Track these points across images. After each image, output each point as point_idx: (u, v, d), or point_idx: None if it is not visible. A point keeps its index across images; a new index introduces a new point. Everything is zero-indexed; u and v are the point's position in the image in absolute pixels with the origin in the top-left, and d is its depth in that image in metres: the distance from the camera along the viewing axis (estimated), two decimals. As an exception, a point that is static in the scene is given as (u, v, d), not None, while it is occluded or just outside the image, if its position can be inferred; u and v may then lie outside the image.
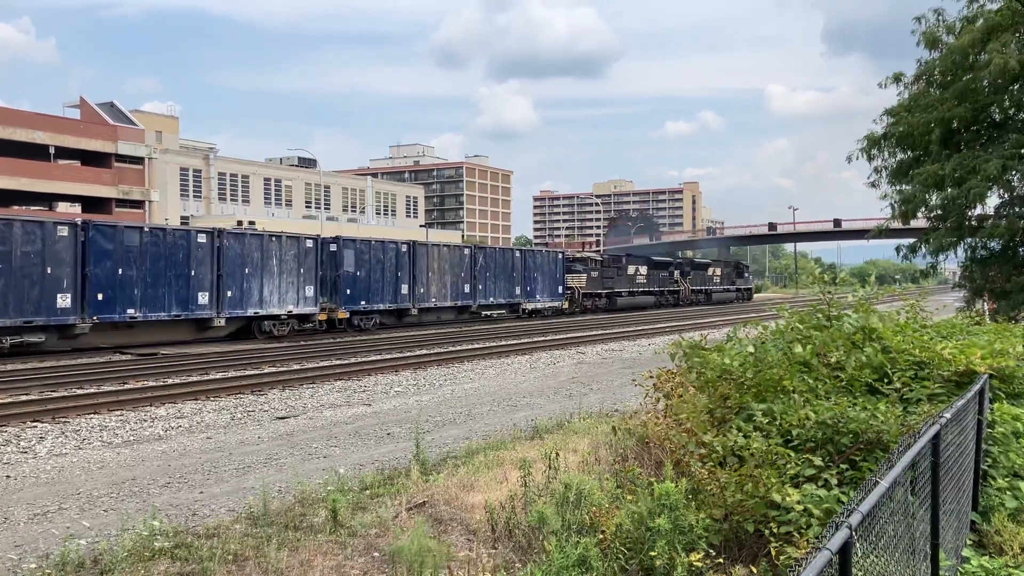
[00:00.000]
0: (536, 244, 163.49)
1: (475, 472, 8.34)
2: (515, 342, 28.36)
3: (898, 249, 23.29)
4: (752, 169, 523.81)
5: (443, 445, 10.66)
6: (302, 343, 28.27)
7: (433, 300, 37.58)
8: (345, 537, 6.57)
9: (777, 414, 6.47)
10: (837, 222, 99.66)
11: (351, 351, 25.29)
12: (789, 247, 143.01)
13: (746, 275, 78.55)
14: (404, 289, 35.86)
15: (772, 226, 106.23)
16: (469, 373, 20.01)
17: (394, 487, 7.95)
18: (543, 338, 30.19)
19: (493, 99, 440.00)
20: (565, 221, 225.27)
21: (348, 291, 33.06)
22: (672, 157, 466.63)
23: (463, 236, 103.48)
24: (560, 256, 47.94)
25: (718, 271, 70.83)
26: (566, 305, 47.40)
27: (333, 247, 33.09)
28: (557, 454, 7.82)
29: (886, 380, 7.33)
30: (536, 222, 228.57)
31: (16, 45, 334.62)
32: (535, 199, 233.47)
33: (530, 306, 44.32)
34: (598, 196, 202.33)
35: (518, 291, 43.53)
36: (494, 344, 27.79)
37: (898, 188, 21.48)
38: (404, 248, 36.09)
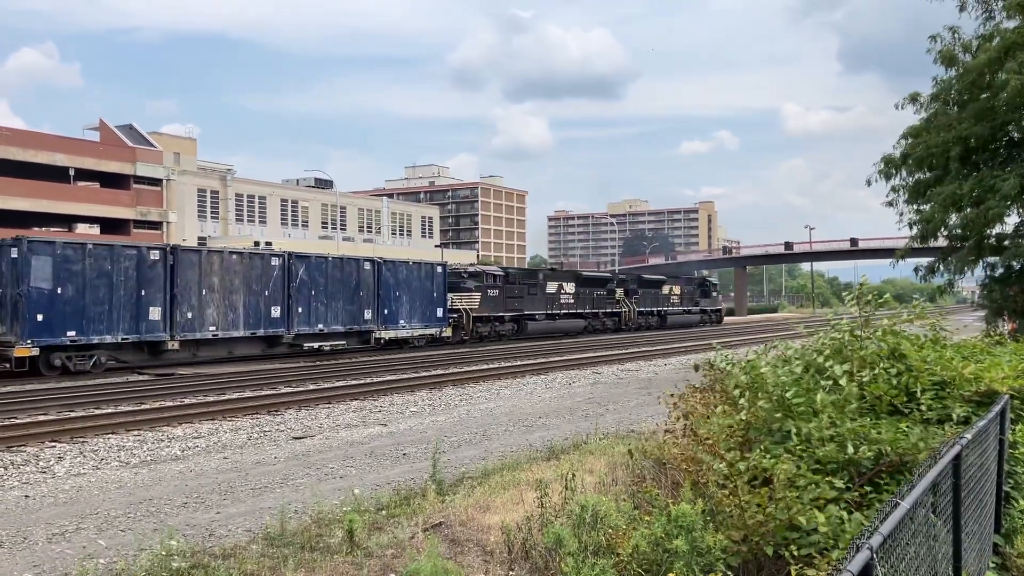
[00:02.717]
0: (552, 264, 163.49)
1: (491, 493, 8.31)
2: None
3: (916, 270, 23.14)
4: (768, 188, 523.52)
5: (459, 466, 10.64)
6: (318, 363, 28.33)
7: (212, 328, 27.34)
8: (361, 558, 6.56)
9: (814, 439, 6.42)
10: (854, 241, 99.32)
11: (367, 371, 25.33)
12: (805, 266, 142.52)
13: (713, 294, 68.10)
14: (155, 313, 25.67)
15: (788, 245, 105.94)
16: (484, 393, 19.99)
17: (410, 508, 7.94)
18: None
19: (509, 120, 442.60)
20: (580, 241, 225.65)
21: (40, 317, 23.23)
22: (687, 176, 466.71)
23: (478, 256, 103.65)
24: (440, 269, 37.80)
25: (676, 289, 60.63)
26: (448, 332, 37.95)
27: (13, 253, 23.42)
28: (573, 475, 7.78)
29: (907, 400, 7.27)
30: (551, 242, 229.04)
31: (41, 69, 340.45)
32: (550, 219, 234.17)
33: (388, 334, 34.40)
34: (613, 216, 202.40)
35: (368, 315, 33.26)
36: (507, 364, 27.76)
37: (916, 208, 21.38)
38: (155, 256, 26.00)
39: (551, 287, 46.06)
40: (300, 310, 30.48)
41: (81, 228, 57.80)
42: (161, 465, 11.54)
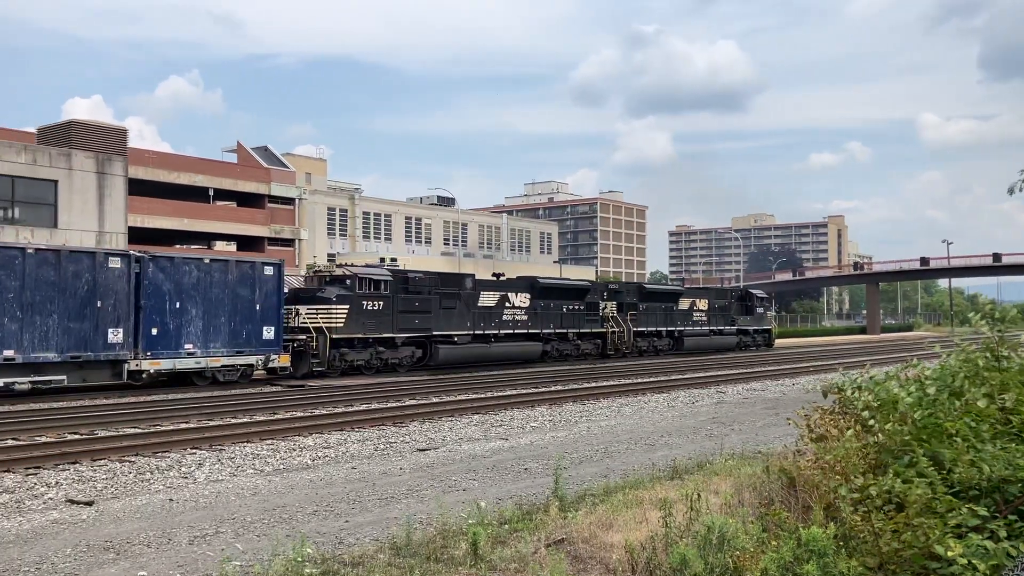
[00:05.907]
0: (672, 281, 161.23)
1: (614, 511, 8.25)
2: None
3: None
4: (902, 201, 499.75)
5: (580, 482, 10.61)
6: (440, 376, 28.81)
7: None
8: (485, 571, 6.62)
9: (947, 461, 6.11)
10: (997, 256, 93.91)
11: (488, 386, 25.61)
12: (943, 283, 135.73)
13: (759, 311, 52.43)
14: None
15: (924, 261, 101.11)
16: (605, 410, 19.87)
17: (532, 522, 7.96)
18: None
19: (630, 135, 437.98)
20: (703, 257, 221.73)
21: None
22: (816, 190, 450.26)
23: (597, 273, 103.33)
24: (270, 270, 26.48)
25: (701, 304, 46.68)
26: (284, 362, 26.74)
27: None
28: (699, 495, 7.64)
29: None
30: (672, 258, 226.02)
31: (187, 96, 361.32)
32: (671, 234, 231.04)
33: (159, 365, 23.64)
34: (737, 231, 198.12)
35: (116, 336, 22.64)
36: (621, 382, 27.52)
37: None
38: None
39: (488, 299, 34.52)
40: None
41: (219, 245, 60.87)
42: (293, 473, 11.97)
